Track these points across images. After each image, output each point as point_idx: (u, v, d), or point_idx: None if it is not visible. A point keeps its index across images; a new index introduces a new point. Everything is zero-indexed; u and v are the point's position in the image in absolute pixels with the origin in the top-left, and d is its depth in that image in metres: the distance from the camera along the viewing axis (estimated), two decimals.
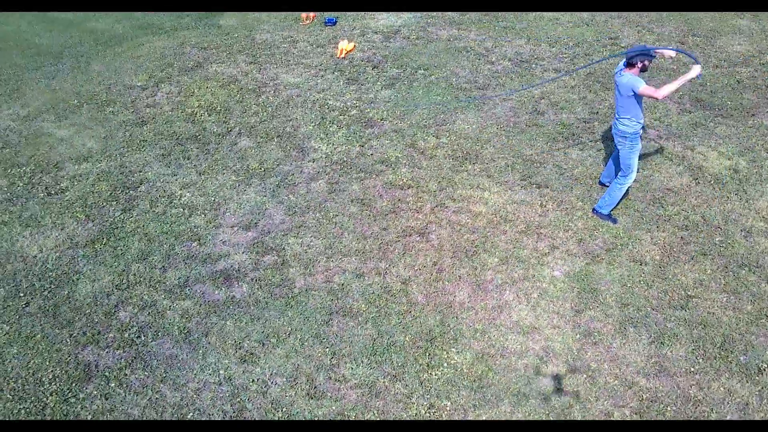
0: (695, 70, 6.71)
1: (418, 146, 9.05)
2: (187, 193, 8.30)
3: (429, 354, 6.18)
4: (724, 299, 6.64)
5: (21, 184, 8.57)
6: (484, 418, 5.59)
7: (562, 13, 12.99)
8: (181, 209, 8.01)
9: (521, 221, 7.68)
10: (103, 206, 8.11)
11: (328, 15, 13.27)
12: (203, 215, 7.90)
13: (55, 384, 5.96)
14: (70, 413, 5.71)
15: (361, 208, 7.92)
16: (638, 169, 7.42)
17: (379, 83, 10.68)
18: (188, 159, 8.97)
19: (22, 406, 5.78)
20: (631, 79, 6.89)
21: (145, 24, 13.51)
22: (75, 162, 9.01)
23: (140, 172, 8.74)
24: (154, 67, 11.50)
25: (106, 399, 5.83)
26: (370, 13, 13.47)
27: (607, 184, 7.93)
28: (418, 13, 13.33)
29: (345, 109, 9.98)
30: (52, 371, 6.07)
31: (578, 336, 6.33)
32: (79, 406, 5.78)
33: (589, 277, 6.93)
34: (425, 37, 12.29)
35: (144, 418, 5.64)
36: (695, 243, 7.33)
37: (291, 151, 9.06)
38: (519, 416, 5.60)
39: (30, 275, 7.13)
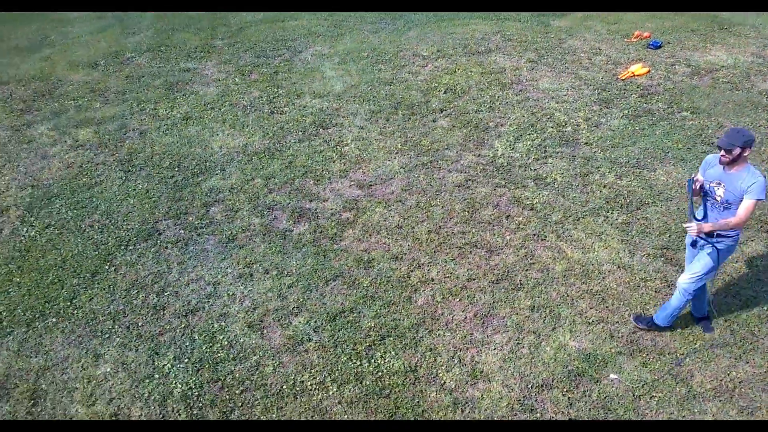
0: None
1: (590, 178, 8.23)
2: (353, 145, 9.07)
3: (369, 345, 6.06)
4: None
5: (264, 99, 10.39)
6: (342, 417, 5.39)
7: None
8: (333, 154, 8.84)
9: (601, 284, 6.64)
10: (291, 132, 9.40)
11: (655, 38, 12.23)
12: (342, 164, 8.62)
13: (125, 233, 7.50)
14: (112, 254, 7.19)
15: (464, 209, 7.72)
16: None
17: (625, 111, 9.75)
18: (387, 121, 9.68)
19: (96, 237, 7.47)
20: None
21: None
22: (312, 96, 10.47)
23: (342, 117, 9.78)
24: (451, 44, 12.28)
25: (139, 257, 7.17)
26: (708, 45, 11.99)
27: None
28: (759, 59, 11.40)
29: (562, 123, 9.47)
30: (132, 225, 7.63)
31: (518, 406, 5.48)
32: (123, 252, 7.22)
33: (602, 365, 5.79)
34: (739, 83, 10.56)
35: (143, 281, 6.78)
36: None
37: (470, 142, 9.08)
38: None
39: (197, 160, 8.83)
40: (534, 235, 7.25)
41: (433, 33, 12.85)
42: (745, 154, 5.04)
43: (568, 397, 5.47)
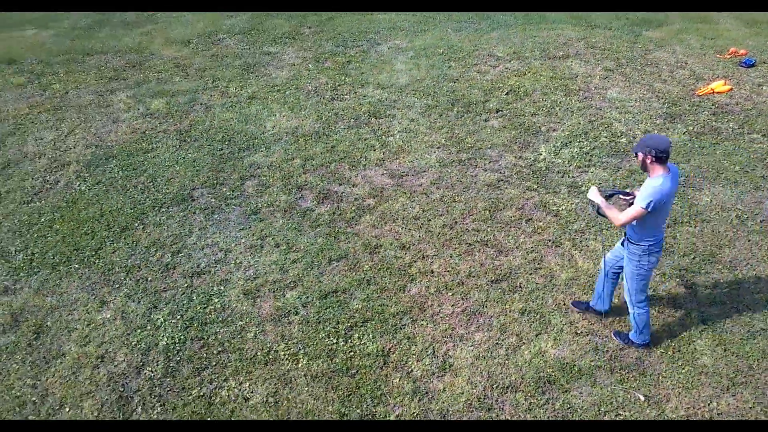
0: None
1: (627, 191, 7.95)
2: (398, 136, 9.21)
3: (351, 326, 6.18)
4: None
5: (328, 86, 10.73)
6: (303, 390, 5.57)
7: None
8: (376, 143, 9.02)
9: None
10: (343, 119, 9.67)
11: (750, 56, 11.57)
12: (382, 154, 8.78)
13: (162, 196, 8.01)
14: (145, 213, 7.71)
15: (486, 207, 7.69)
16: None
17: (690, 127, 9.32)
18: (439, 116, 9.75)
19: (136, 197, 8.01)
20: None
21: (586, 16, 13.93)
22: (375, 87, 10.70)
23: (397, 109, 9.94)
24: (530, 47, 12.13)
25: (167, 218, 7.65)
26: None
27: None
28: None
29: (617, 134, 9.19)
30: (171, 189, 8.13)
31: (476, 403, 5.46)
32: (154, 213, 7.72)
33: (577, 376, 5.67)
34: None
35: (164, 241, 7.22)
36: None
37: (515, 144, 9.01)
38: (324, 407, 5.41)
39: (248, 136, 9.27)
40: (549, 240, 7.11)
41: (515, 35, 12.71)
42: (647, 161, 4.83)
43: (530, 402, 5.39)
